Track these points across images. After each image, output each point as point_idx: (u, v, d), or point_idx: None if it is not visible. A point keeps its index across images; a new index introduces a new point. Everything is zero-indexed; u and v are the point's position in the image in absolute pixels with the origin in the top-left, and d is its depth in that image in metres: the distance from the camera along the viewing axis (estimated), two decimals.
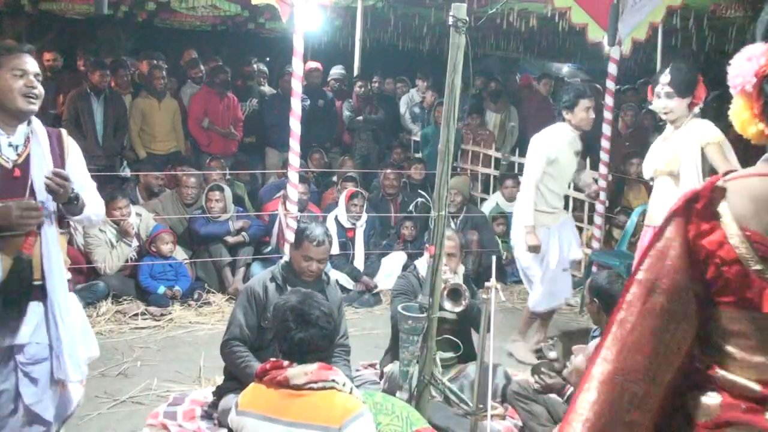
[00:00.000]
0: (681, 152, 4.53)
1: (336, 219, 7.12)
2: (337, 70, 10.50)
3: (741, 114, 1.59)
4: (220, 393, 4.15)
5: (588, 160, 7.07)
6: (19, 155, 2.97)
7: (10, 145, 2.95)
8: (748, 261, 1.49)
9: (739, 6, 9.02)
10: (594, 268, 6.92)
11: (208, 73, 8.88)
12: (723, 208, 1.53)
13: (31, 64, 3.00)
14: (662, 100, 4.57)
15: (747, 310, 1.51)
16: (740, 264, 1.50)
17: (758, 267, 1.48)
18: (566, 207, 7.69)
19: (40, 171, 2.96)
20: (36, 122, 3.10)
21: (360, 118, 9.47)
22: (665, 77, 4.55)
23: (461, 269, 4.58)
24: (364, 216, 7.22)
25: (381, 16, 11.69)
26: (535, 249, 5.18)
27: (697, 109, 4.61)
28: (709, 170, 4.50)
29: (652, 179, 4.83)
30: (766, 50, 1.53)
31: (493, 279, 3.57)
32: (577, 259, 5.65)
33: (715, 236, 1.52)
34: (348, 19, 11.79)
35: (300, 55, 5.77)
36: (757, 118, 1.55)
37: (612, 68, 6.94)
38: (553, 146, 5.25)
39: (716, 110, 10.69)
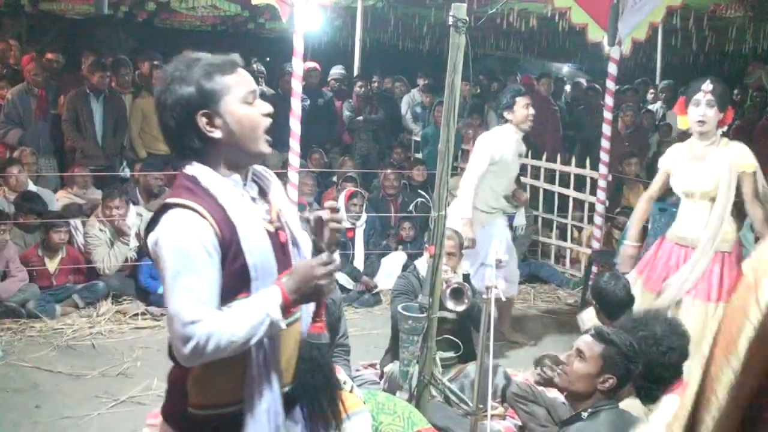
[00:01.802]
0: (722, 176, 4.32)
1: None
2: (337, 70, 10.50)
3: None
4: None
5: (588, 160, 7.08)
6: (268, 211, 2.13)
7: (254, 199, 2.11)
8: None
9: (739, 6, 9.03)
10: (594, 268, 6.92)
11: None
12: None
13: (250, 83, 2.08)
14: (702, 107, 4.29)
15: None
16: None
17: None
18: (566, 206, 7.71)
19: (293, 219, 2.20)
20: None
21: (360, 118, 9.47)
22: (708, 86, 4.33)
23: (461, 269, 4.59)
24: (364, 216, 7.22)
25: (381, 16, 11.71)
26: (471, 243, 5.17)
27: (721, 131, 4.44)
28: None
29: (684, 196, 4.55)
30: None
31: (492, 279, 3.57)
32: (502, 260, 5.57)
33: None
34: (348, 19, 11.80)
35: (300, 55, 5.77)
36: None
37: (612, 68, 6.94)
38: (498, 147, 5.37)
39: None
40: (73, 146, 7.77)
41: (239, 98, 2.01)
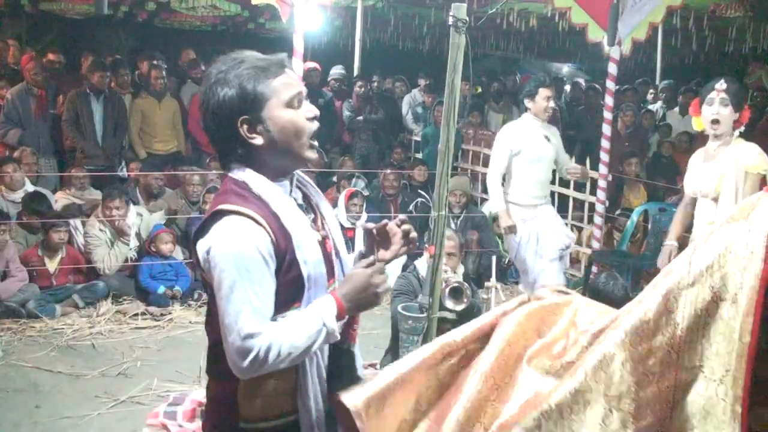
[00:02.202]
0: (725, 175, 4.27)
1: (336, 219, 7.12)
2: (337, 70, 10.50)
3: None
4: None
5: (588, 160, 7.07)
6: (314, 219, 2.09)
7: (301, 207, 2.04)
8: None
9: (739, 6, 9.03)
10: (594, 268, 6.92)
11: None
12: None
13: (296, 85, 1.98)
14: (715, 106, 4.21)
15: None
16: None
17: None
18: (566, 206, 7.70)
19: (336, 228, 2.19)
20: None
21: (360, 118, 9.47)
22: (722, 84, 4.26)
23: (461, 269, 4.59)
24: (364, 216, 7.22)
25: (381, 16, 11.71)
26: (511, 230, 5.21)
27: (738, 132, 4.36)
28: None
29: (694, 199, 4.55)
30: None
31: (493, 279, 3.58)
32: (564, 245, 5.61)
33: None
34: (348, 19, 11.80)
35: (300, 55, 5.77)
36: None
37: (612, 68, 6.94)
38: (516, 137, 5.36)
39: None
40: (73, 146, 7.77)
41: (283, 102, 1.90)
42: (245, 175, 1.92)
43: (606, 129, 7.15)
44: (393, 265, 6.89)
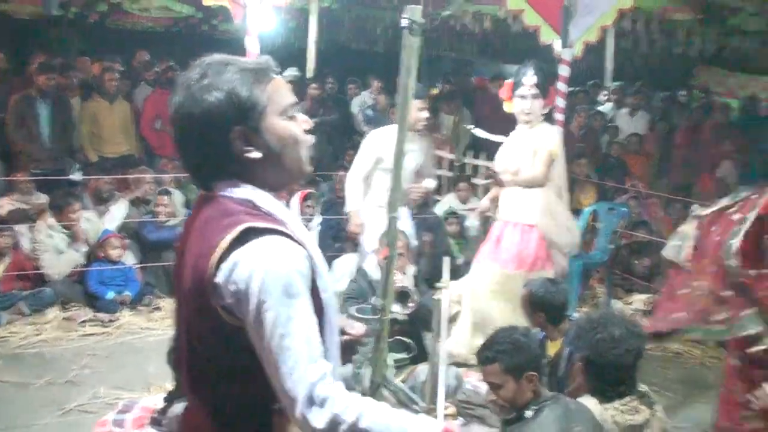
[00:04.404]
0: (524, 154, 4.85)
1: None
2: (291, 72, 10.42)
3: None
4: (170, 399, 4.08)
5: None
6: None
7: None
8: None
9: (688, 9, 9.19)
10: None
11: (161, 75, 8.80)
12: None
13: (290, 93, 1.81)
14: (527, 101, 4.59)
15: None
16: None
17: None
18: None
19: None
20: None
21: (314, 120, 9.41)
22: (532, 78, 4.56)
23: (411, 269, 4.58)
24: (319, 218, 7.18)
25: (335, 17, 11.66)
26: (359, 229, 5.36)
27: (544, 110, 4.90)
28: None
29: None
30: None
31: (444, 279, 3.56)
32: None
33: None
34: (302, 21, 11.72)
35: (254, 57, 5.71)
36: None
37: (563, 70, 6.99)
38: (383, 146, 5.31)
39: (663, 112, 10.91)
40: (19, 150, 7.58)
41: (279, 111, 1.71)
42: (246, 192, 1.68)
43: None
44: (346, 267, 6.91)
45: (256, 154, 1.68)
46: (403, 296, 3.96)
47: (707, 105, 10.73)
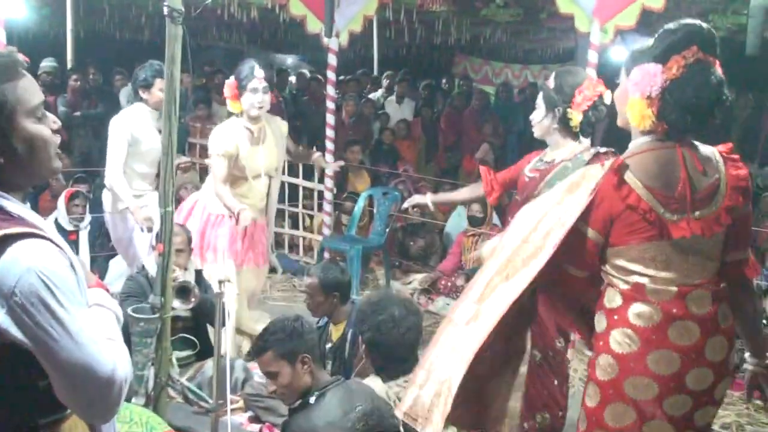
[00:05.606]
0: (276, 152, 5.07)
1: (56, 222, 6.63)
2: (48, 63, 9.76)
3: (640, 110, 2.22)
4: None
5: (314, 149, 7.26)
6: None
7: None
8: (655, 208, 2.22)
9: (443, 1, 9.72)
10: (326, 254, 7.13)
11: None
12: (629, 176, 2.22)
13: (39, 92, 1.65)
14: (259, 95, 4.66)
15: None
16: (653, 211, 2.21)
17: (661, 210, 2.22)
18: (296, 196, 7.84)
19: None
20: None
21: (77, 113, 8.90)
22: (260, 71, 4.69)
23: (193, 265, 4.50)
24: (88, 217, 6.80)
25: (94, 4, 11.06)
26: (149, 221, 5.06)
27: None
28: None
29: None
30: (661, 70, 2.18)
31: (225, 273, 3.55)
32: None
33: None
34: (57, 8, 11.00)
35: (3, 46, 5.29)
36: (653, 114, 2.21)
37: (332, 59, 7.16)
38: (133, 127, 5.20)
39: (426, 99, 11.49)
40: None
41: (28, 111, 1.56)
42: None
43: (330, 118, 7.37)
44: (122, 266, 6.64)
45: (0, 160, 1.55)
46: (183, 291, 3.88)
47: (467, 92, 11.43)
